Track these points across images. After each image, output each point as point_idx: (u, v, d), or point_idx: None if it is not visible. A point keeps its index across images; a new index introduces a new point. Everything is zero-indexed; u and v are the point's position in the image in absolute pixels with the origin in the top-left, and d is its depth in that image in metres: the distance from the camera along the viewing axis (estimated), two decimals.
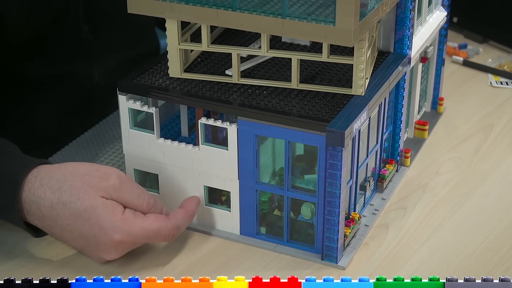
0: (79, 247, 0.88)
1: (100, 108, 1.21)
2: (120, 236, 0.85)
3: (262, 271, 0.89)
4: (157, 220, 0.87)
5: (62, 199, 0.84)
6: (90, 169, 0.87)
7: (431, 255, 0.92)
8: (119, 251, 0.87)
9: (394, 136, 1.04)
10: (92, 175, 0.86)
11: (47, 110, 1.16)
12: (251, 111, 0.87)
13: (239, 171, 0.90)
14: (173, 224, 0.88)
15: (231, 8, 0.86)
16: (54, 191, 0.85)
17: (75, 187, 0.85)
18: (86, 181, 0.85)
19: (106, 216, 0.84)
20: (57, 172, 0.86)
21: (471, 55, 1.42)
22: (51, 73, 1.14)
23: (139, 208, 0.87)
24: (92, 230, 0.84)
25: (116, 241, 0.85)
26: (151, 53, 1.32)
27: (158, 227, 0.86)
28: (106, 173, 0.86)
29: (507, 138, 1.16)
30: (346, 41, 0.83)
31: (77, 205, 0.84)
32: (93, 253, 0.87)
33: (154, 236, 0.87)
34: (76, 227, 0.85)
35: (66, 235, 0.86)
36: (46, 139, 1.14)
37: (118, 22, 1.20)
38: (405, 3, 0.98)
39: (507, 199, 1.02)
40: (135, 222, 0.85)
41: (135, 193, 0.87)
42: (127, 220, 0.85)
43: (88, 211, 0.84)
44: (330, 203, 0.86)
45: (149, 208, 0.88)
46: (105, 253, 0.87)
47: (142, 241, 0.87)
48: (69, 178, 0.85)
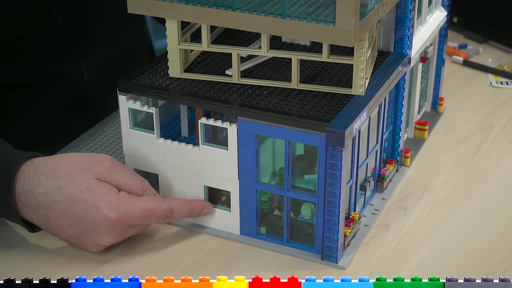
0: (74, 235, 0.88)
1: (95, 106, 1.20)
2: (116, 215, 0.86)
3: (262, 271, 0.89)
4: (152, 200, 0.89)
5: (57, 184, 0.86)
6: (83, 155, 0.90)
7: (431, 255, 0.92)
8: (115, 232, 0.88)
9: (394, 136, 1.04)
10: (85, 161, 0.88)
11: (40, 112, 1.16)
12: (251, 111, 0.87)
13: (239, 171, 0.90)
14: (168, 205, 0.89)
15: (231, 8, 0.86)
16: (49, 177, 0.86)
17: (69, 171, 0.87)
18: (80, 166, 0.87)
19: (102, 196, 0.86)
20: (51, 160, 0.88)
21: (471, 55, 1.42)
22: (39, 74, 1.14)
23: (133, 191, 0.89)
24: (89, 212, 0.86)
25: (112, 221, 0.86)
26: (139, 45, 1.32)
27: (153, 206, 0.88)
28: (98, 158, 0.89)
29: (507, 138, 1.16)
30: (346, 41, 0.83)
31: (73, 188, 0.86)
32: (90, 239, 0.88)
33: (149, 216, 0.88)
34: (72, 211, 0.86)
35: (62, 222, 0.87)
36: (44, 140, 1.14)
37: (101, 17, 1.20)
38: (405, 3, 0.98)
39: (507, 199, 1.02)
40: (131, 201, 0.87)
41: (128, 175, 0.89)
42: (123, 199, 0.87)
43: (83, 193, 0.86)
44: (330, 203, 0.86)
45: (143, 190, 0.89)
46: (102, 236, 0.87)
47: (137, 221, 0.88)
48: (63, 164, 0.87)
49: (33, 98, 1.15)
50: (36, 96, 1.15)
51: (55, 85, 1.15)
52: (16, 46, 1.10)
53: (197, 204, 0.92)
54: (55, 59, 1.15)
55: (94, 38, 1.21)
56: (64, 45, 1.15)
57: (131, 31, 1.30)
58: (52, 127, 1.17)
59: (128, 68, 1.01)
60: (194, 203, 0.92)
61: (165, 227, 0.95)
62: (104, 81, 1.20)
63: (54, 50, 1.14)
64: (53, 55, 1.14)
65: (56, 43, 1.14)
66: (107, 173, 0.88)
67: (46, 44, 1.13)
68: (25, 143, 0.96)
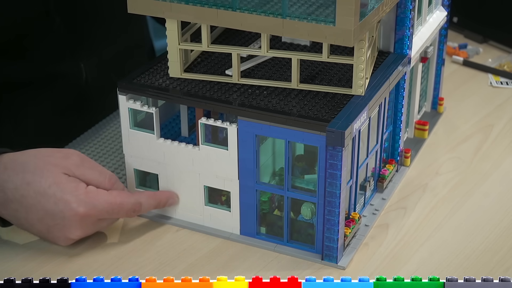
0: (44, 229, 0.89)
1: (94, 106, 1.20)
2: (84, 209, 0.87)
3: (262, 271, 0.89)
4: (120, 194, 0.90)
5: (26, 180, 0.87)
6: (52, 150, 0.91)
7: (431, 255, 0.92)
8: (84, 226, 0.89)
9: (394, 136, 1.04)
10: (53, 156, 0.90)
11: (39, 112, 1.16)
12: (251, 111, 0.87)
13: (239, 171, 0.90)
14: (136, 200, 0.91)
15: (231, 8, 0.86)
16: (18, 173, 0.88)
17: (38, 166, 0.88)
18: (48, 161, 0.89)
19: (70, 190, 0.87)
20: (20, 156, 0.89)
21: (471, 55, 1.42)
22: (38, 74, 1.14)
23: (101, 185, 0.90)
24: (58, 206, 0.87)
25: (81, 215, 0.87)
26: (138, 45, 1.32)
27: (121, 201, 0.89)
28: (67, 153, 0.91)
29: (507, 138, 1.16)
30: (346, 41, 0.83)
31: (41, 183, 0.87)
32: (59, 233, 0.89)
33: (117, 210, 0.89)
34: (41, 206, 0.87)
35: (32, 217, 0.88)
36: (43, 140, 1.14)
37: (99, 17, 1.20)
38: (405, 3, 0.98)
39: (507, 199, 1.02)
40: (99, 196, 0.88)
41: (96, 170, 0.91)
42: (91, 194, 0.88)
43: (52, 188, 0.87)
44: (330, 203, 0.86)
45: (111, 185, 0.91)
46: (71, 230, 0.88)
47: (105, 215, 0.89)
48: (32, 160, 0.89)
49: (32, 98, 1.14)
50: (35, 96, 1.14)
51: (53, 85, 1.15)
52: (15, 46, 1.10)
53: (162, 195, 0.94)
54: (53, 59, 1.15)
55: (93, 38, 1.20)
56: (62, 45, 1.15)
57: (130, 31, 1.30)
58: (51, 127, 1.17)
59: (127, 68, 1.01)
60: (159, 195, 0.94)
61: (165, 227, 0.95)
62: (103, 81, 1.20)
63: (53, 50, 1.14)
64: (52, 55, 1.14)
65: (55, 43, 1.14)
66: (75, 168, 0.89)
67: (44, 44, 1.13)
68: (24, 143, 0.96)
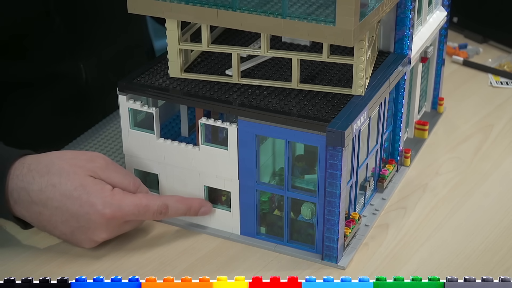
0: (68, 232, 0.88)
1: (94, 106, 1.20)
2: (110, 211, 0.86)
3: (262, 271, 0.89)
4: (146, 196, 0.90)
5: (52, 182, 0.86)
6: (76, 153, 0.91)
7: (431, 255, 0.92)
8: (110, 228, 0.88)
9: (394, 136, 1.04)
10: (78, 158, 0.89)
11: (39, 112, 1.16)
12: (251, 111, 0.87)
13: (239, 171, 0.90)
14: (162, 202, 0.90)
15: (231, 8, 0.86)
16: (43, 175, 0.87)
17: (63, 169, 0.87)
18: (74, 163, 0.88)
19: (96, 193, 0.86)
20: (44, 157, 0.89)
21: (471, 55, 1.42)
22: (38, 74, 1.14)
23: (126, 188, 0.90)
24: (83, 208, 0.86)
25: (107, 217, 0.87)
26: (137, 45, 1.32)
27: (147, 202, 0.89)
28: (92, 156, 0.90)
29: (507, 138, 1.16)
30: (346, 41, 0.83)
31: (67, 185, 0.86)
32: (84, 235, 0.88)
33: (143, 212, 0.89)
34: (66, 208, 0.86)
35: (55, 219, 0.87)
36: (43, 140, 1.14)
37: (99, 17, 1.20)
38: (405, 3, 0.98)
39: (507, 199, 1.02)
40: (125, 198, 0.88)
41: (121, 173, 0.90)
42: (117, 196, 0.87)
43: (78, 190, 0.86)
44: (330, 203, 0.86)
45: (135, 188, 0.90)
46: (96, 233, 0.88)
47: (131, 217, 0.89)
48: (56, 162, 0.88)
49: (32, 98, 1.14)
50: (35, 96, 1.15)
51: (53, 85, 1.15)
52: (15, 46, 1.10)
53: (195, 202, 0.92)
54: (53, 59, 1.15)
55: (93, 38, 1.20)
56: (62, 45, 1.15)
57: (130, 31, 1.30)
58: (51, 127, 1.17)
59: (127, 68, 1.01)
60: (190, 201, 0.92)
61: (165, 227, 0.95)
62: (102, 81, 1.20)
63: (53, 50, 1.14)
64: (52, 55, 1.14)
65: (55, 43, 1.14)
66: (101, 170, 0.89)
67: (44, 44, 1.13)
68: (24, 143, 0.96)
